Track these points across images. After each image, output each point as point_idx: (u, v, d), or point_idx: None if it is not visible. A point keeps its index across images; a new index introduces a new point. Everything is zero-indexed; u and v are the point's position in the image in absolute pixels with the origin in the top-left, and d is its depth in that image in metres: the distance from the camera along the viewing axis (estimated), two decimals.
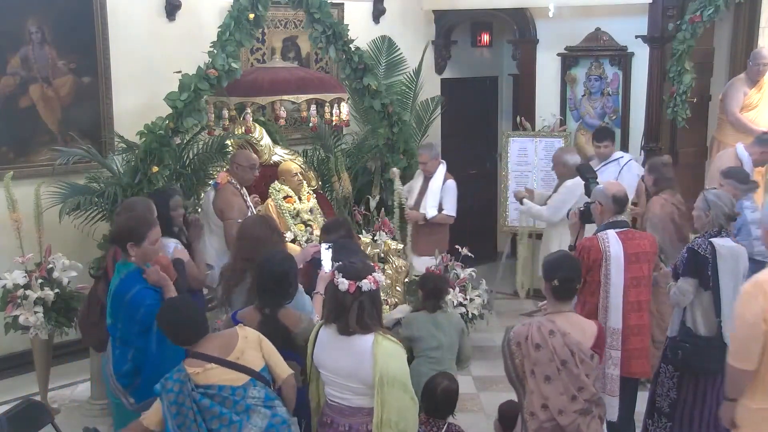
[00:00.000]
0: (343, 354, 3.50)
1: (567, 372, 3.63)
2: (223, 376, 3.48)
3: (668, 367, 4.66)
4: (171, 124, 5.78)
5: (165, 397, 3.47)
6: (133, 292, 4.01)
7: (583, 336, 3.70)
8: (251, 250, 4.30)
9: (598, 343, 3.74)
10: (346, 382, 3.52)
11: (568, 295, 3.79)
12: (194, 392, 3.44)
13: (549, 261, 3.88)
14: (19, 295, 5.49)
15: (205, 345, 3.56)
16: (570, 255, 3.97)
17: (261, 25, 6.38)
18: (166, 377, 3.52)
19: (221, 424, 3.43)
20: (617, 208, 4.75)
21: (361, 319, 3.47)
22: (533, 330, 3.68)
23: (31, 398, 4.82)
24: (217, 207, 5.96)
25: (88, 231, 5.87)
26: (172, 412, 3.45)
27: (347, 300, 3.47)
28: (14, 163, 6.23)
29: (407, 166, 7.32)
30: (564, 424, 3.62)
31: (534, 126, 8.19)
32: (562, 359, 3.63)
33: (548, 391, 3.64)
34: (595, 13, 7.90)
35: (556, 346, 3.63)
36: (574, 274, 3.82)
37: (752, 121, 7.21)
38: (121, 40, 6.68)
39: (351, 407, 3.54)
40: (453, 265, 6.78)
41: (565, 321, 3.72)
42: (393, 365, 3.44)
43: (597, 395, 3.74)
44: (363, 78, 6.97)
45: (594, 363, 3.70)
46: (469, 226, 9.17)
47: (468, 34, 9.29)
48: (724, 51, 8.01)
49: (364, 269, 3.55)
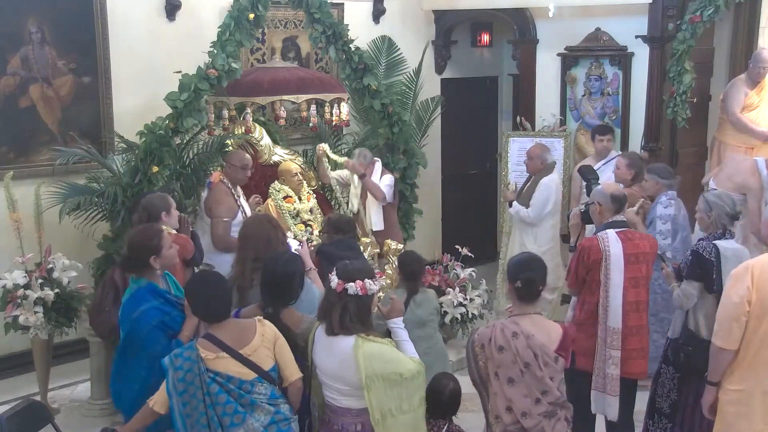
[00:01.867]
0: (329, 354, 3.52)
1: (530, 374, 3.60)
2: (233, 368, 3.49)
3: (669, 368, 4.65)
4: (171, 124, 5.79)
5: (173, 373, 3.46)
6: (141, 310, 3.91)
7: (548, 338, 3.66)
8: (257, 250, 4.30)
9: (563, 345, 3.70)
10: (333, 382, 3.54)
11: (531, 296, 3.73)
12: (205, 375, 3.44)
13: (513, 262, 3.84)
14: (19, 295, 5.49)
15: (222, 330, 3.55)
16: (535, 256, 3.91)
17: (261, 25, 6.39)
18: (175, 353, 3.51)
19: (225, 412, 3.44)
20: (616, 207, 4.75)
21: (343, 320, 3.47)
22: (497, 332, 3.64)
23: (31, 398, 4.81)
24: (206, 205, 5.99)
25: (88, 231, 5.87)
26: (178, 390, 3.45)
27: (333, 298, 3.49)
28: (14, 163, 6.22)
29: (407, 165, 7.32)
30: (528, 426, 3.59)
31: (534, 126, 8.19)
32: (525, 361, 3.59)
33: (512, 393, 3.61)
34: (595, 13, 7.90)
35: (519, 348, 3.59)
36: (537, 276, 3.73)
37: (753, 122, 7.20)
38: (121, 40, 6.68)
39: (340, 407, 3.56)
40: (453, 265, 6.79)
41: (530, 323, 3.68)
42: (377, 366, 3.43)
43: (562, 398, 3.70)
44: (363, 78, 6.96)
45: (559, 366, 3.66)
46: (469, 226, 9.23)
47: (468, 34, 9.29)
48: (724, 51, 8.00)
49: (357, 272, 3.52)
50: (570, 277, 4.80)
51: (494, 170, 9.34)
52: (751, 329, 3.77)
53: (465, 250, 6.80)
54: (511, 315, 3.78)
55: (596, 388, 4.64)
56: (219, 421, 3.44)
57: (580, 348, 4.48)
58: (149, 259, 3.99)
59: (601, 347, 4.60)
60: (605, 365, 4.59)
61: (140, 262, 4.01)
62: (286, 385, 3.64)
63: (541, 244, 6.78)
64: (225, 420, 3.45)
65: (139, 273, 4.03)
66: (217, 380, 3.45)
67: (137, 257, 4.03)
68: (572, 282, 4.79)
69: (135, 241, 4.06)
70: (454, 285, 6.63)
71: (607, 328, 4.58)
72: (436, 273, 6.67)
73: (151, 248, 4.00)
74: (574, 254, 4.82)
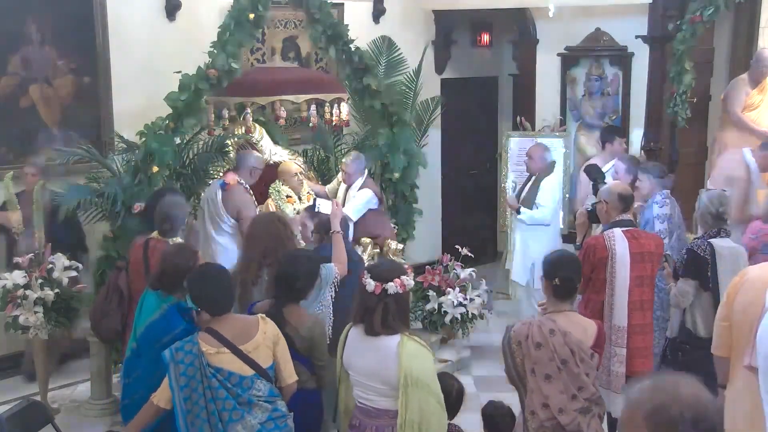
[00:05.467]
0: (369, 354, 3.49)
1: (567, 371, 3.62)
2: (233, 364, 3.48)
3: (668, 368, 4.65)
4: (171, 124, 5.78)
5: (175, 367, 3.45)
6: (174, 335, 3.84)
7: (584, 335, 3.70)
8: (265, 248, 4.30)
9: (599, 342, 3.74)
10: (371, 382, 3.51)
11: (568, 294, 3.77)
12: (207, 369, 3.43)
13: (550, 260, 3.87)
14: (19, 295, 5.48)
15: (223, 324, 3.55)
16: (571, 254, 3.96)
17: (261, 25, 6.38)
18: (176, 347, 3.49)
19: (224, 407, 3.44)
20: (623, 206, 4.76)
21: (385, 320, 3.45)
22: (534, 329, 3.67)
23: (31, 398, 4.81)
24: (231, 207, 5.92)
25: (88, 231, 5.86)
26: (180, 384, 3.44)
27: (372, 301, 3.46)
28: (14, 163, 6.22)
29: (407, 165, 7.32)
30: (565, 422, 3.61)
31: (534, 126, 8.19)
32: (563, 358, 3.62)
33: (548, 389, 3.62)
34: (595, 13, 7.90)
35: (557, 345, 3.62)
36: (574, 274, 3.80)
37: (754, 121, 7.20)
38: (121, 40, 6.68)
39: (377, 409, 3.52)
40: (453, 265, 6.79)
41: (566, 320, 3.71)
42: (416, 366, 3.41)
43: (597, 394, 3.73)
44: (363, 78, 6.97)
45: (594, 362, 3.70)
46: (469, 226, 9.24)
47: (468, 34, 9.29)
48: (724, 51, 8.01)
49: (391, 271, 3.53)
50: None
51: (494, 170, 9.34)
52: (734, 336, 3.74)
53: (465, 250, 6.80)
54: (546, 312, 3.81)
55: (600, 385, 4.63)
56: (219, 415, 3.44)
57: None
58: (183, 281, 3.95)
59: (606, 344, 4.60)
60: (610, 362, 4.59)
61: (174, 281, 4.00)
62: (283, 386, 3.65)
63: (543, 245, 6.78)
64: (224, 415, 3.45)
65: (169, 292, 4.01)
66: (217, 377, 3.45)
67: (172, 277, 4.00)
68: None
69: (173, 262, 4.03)
70: (454, 285, 6.63)
71: (612, 326, 4.59)
72: (436, 273, 6.67)
73: (187, 270, 3.97)
74: (580, 252, 4.83)
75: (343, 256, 4.63)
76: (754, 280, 3.44)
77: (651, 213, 5.74)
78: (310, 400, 3.87)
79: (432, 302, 6.57)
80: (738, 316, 3.45)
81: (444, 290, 6.58)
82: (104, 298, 4.99)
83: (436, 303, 6.56)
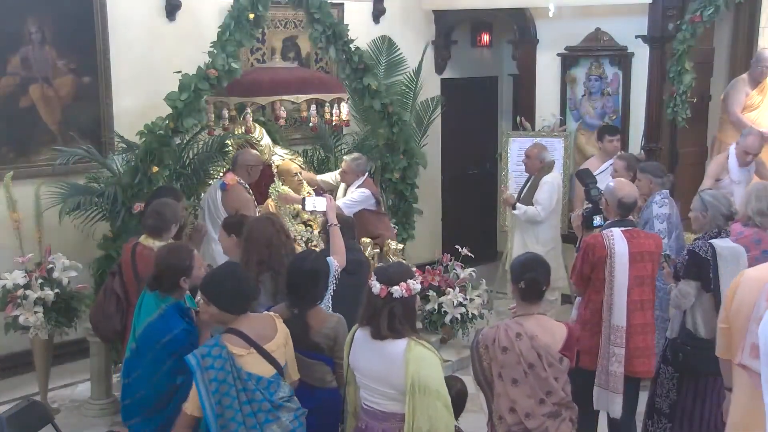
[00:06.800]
0: (376, 357, 3.46)
1: (534, 375, 3.58)
2: (258, 366, 3.46)
3: (668, 368, 4.66)
4: (171, 124, 5.78)
5: (203, 374, 3.38)
6: (174, 335, 3.83)
7: (553, 339, 3.65)
8: (262, 253, 4.30)
9: (568, 345, 3.68)
10: (378, 386, 3.48)
11: (535, 296, 3.71)
12: (242, 371, 3.39)
13: (517, 263, 3.84)
14: (19, 295, 5.49)
15: (244, 324, 3.51)
16: (538, 257, 3.90)
17: (261, 25, 6.38)
18: (202, 353, 3.42)
19: (260, 409, 3.41)
20: (621, 213, 4.75)
21: (392, 324, 3.42)
22: (500, 332, 3.63)
23: (31, 398, 4.81)
24: (231, 207, 5.91)
25: (88, 231, 5.87)
26: (211, 390, 3.37)
27: (378, 304, 3.43)
28: (14, 163, 6.22)
29: (407, 165, 7.32)
30: (532, 427, 3.58)
31: (534, 126, 8.19)
32: (529, 362, 3.57)
33: (515, 394, 3.59)
34: (595, 13, 7.89)
35: (523, 349, 3.58)
36: (541, 276, 3.73)
37: (754, 122, 7.20)
38: (121, 40, 6.68)
39: (384, 412, 3.49)
40: (453, 265, 6.80)
41: (534, 323, 3.66)
42: (424, 371, 3.38)
43: (567, 398, 3.68)
44: (363, 78, 6.97)
45: (564, 366, 3.65)
46: (469, 226, 9.23)
47: (468, 34, 9.29)
48: (724, 51, 8.00)
49: (398, 274, 3.48)
50: (575, 274, 4.79)
51: (494, 170, 9.33)
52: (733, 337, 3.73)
53: (465, 250, 6.80)
54: (515, 315, 3.77)
55: (599, 385, 4.64)
56: (255, 416, 3.40)
57: (583, 346, 4.47)
58: (180, 280, 3.93)
59: (605, 344, 4.60)
60: (608, 362, 4.58)
61: (171, 282, 3.94)
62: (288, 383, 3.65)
63: (543, 244, 6.78)
64: (260, 416, 3.42)
65: (167, 292, 3.96)
66: (252, 379, 3.42)
67: (169, 277, 3.94)
68: (577, 280, 4.79)
69: (167, 262, 3.97)
70: (454, 285, 6.64)
71: (611, 326, 4.58)
72: (436, 273, 6.67)
73: (183, 269, 3.93)
74: (579, 251, 4.82)
75: (342, 247, 4.66)
76: (750, 280, 3.44)
77: (650, 213, 5.74)
78: (335, 398, 3.87)
79: (432, 302, 6.58)
80: (735, 316, 3.45)
81: (444, 290, 6.58)
82: (103, 299, 4.99)
83: (436, 303, 6.57)
